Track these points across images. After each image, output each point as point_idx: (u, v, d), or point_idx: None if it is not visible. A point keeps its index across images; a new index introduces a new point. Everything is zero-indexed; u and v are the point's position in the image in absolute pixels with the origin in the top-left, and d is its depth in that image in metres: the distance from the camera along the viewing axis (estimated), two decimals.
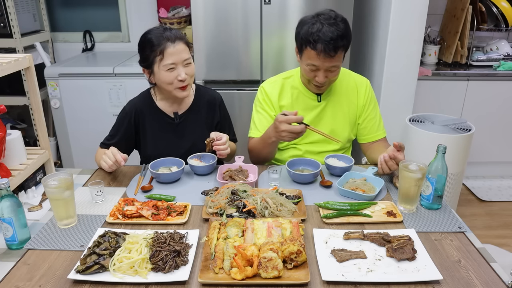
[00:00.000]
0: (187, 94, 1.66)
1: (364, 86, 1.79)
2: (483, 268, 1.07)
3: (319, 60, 1.54)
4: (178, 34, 1.60)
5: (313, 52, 1.53)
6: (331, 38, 1.49)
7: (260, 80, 2.71)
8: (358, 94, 1.78)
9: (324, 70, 1.58)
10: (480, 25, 3.12)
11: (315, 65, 1.57)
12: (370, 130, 1.81)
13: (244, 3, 2.54)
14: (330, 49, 1.50)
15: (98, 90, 2.83)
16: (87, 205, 1.38)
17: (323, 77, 1.59)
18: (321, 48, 1.51)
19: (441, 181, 1.33)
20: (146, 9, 3.37)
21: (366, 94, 1.78)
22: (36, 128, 2.06)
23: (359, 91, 1.78)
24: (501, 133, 3.15)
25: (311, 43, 1.52)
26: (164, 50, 1.55)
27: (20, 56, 1.50)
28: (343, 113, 1.78)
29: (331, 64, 1.56)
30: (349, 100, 1.78)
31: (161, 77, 1.59)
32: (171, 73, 1.58)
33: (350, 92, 1.78)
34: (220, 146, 1.58)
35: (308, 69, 1.61)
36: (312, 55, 1.55)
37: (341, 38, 1.51)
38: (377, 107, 1.83)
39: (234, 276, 1.01)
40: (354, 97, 1.78)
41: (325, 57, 1.52)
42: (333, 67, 1.58)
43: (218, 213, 1.29)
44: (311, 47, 1.53)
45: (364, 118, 1.80)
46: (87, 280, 1.02)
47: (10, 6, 2.79)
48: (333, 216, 1.29)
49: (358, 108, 1.79)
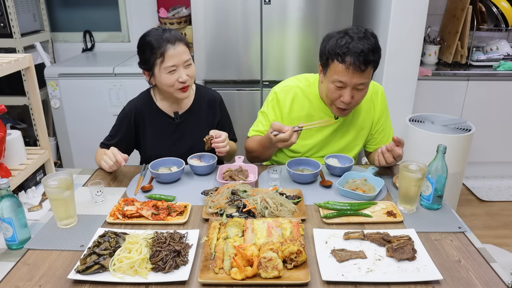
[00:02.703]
0: (188, 95, 1.66)
1: (379, 96, 1.71)
2: (483, 268, 1.07)
3: (347, 75, 1.43)
4: (178, 36, 1.59)
5: (341, 66, 1.42)
6: (362, 51, 1.39)
7: (260, 80, 2.71)
8: (374, 106, 1.70)
9: (351, 89, 1.47)
10: (480, 25, 3.12)
11: (342, 81, 1.45)
12: (380, 140, 1.76)
13: (244, 3, 2.54)
14: (361, 62, 1.39)
15: (98, 90, 2.83)
16: (87, 205, 1.38)
17: (349, 96, 1.47)
18: (350, 61, 1.40)
19: (441, 181, 1.33)
20: (146, 9, 3.37)
21: (382, 106, 1.71)
22: (36, 128, 2.06)
23: (375, 103, 1.70)
24: (501, 133, 3.15)
25: (339, 55, 1.42)
26: (165, 53, 1.54)
27: (20, 56, 1.50)
28: (358, 129, 1.71)
29: (360, 80, 1.44)
30: (365, 114, 1.70)
31: (162, 80, 1.59)
32: (172, 75, 1.57)
33: (366, 105, 1.69)
34: (219, 144, 1.57)
35: (334, 87, 1.49)
36: (340, 69, 1.43)
37: (372, 52, 1.41)
38: (388, 116, 1.76)
39: (234, 276, 1.01)
40: (370, 110, 1.70)
41: (354, 71, 1.41)
42: (361, 85, 1.46)
43: (218, 213, 1.29)
44: (339, 60, 1.42)
45: (377, 130, 1.74)
46: (87, 280, 1.02)
47: (10, 6, 2.79)
48: (333, 216, 1.29)
49: (374, 121, 1.72)
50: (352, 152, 1.75)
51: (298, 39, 2.63)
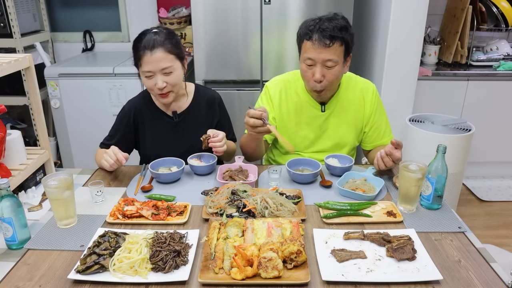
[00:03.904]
0: (168, 101, 1.65)
1: (370, 93, 1.73)
2: (483, 268, 1.07)
3: (314, 51, 1.50)
4: (159, 41, 1.54)
5: (309, 43, 1.51)
6: (327, 27, 1.48)
7: (260, 80, 2.71)
8: (364, 103, 1.72)
9: (321, 66, 1.52)
10: (480, 25, 3.12)
11: (310, 58, 1.52)
12: (376, 138, 1.77)
13: (244, 3, 2.54)
14: (326, 37, 1.47)
15: (98, 90, 2.83)
16: (87, 205, 1.38)
17: (320, 74, 1.53)
18: (316, 37, 1.48)
19: (441, 181, 1.33)
20: (146, 9, 3.37)
21: (373, 102, 1.73)
22: (36, 128, 2.06)
23: (366, 99, 1.72)
24: (501, 133, 3.15)
25: (307, 34, 1.51)
26: (141, 58, 1.56)
27: (20, 56, 1.50)
28: (348, 123, 1.73)
29: (327, 56, 1.50)
30: (355, 109, 1.72)
31: (143, 82, 1.61)
32: (150, 80, 1.58)
33: (356, 100, 1.72)
34: (216, 143, 1.57)
35: (305, 66, 1.56)
36: (308, 46, 1.51)
37: (338, 30, 1.48)
38: (383, 113, 1.78)
39: (234, 276, 1.01)
40: (360, 106, 1.72)
41: (319, 46, 1.48)
42: (329, 62, 1.51)
43: (218, 213, 1.29)
44: (307, 38, 1.51)
45: (370, 127, 1.75)
46: (87, 280, 1.02)
47: (10, 6, 2.79)
48: (333, 216, 1.29)
49: (365, 118, 1.74)
50: (345, 149, 1.76)
51: None
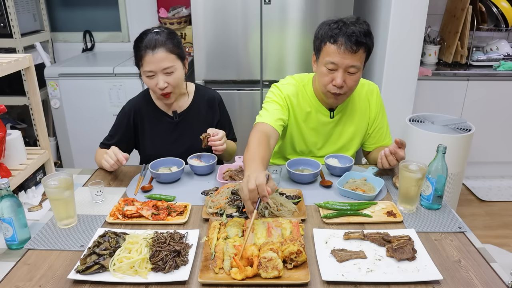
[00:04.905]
0: (170, 102, 1.67)
1: (374, 95, 1.71)
2: (483, 268, 1.07)
3: (339, 56, 1.44)
4: (160, 41, 1.54)
5: (333, 47, 1.45)
6: (353, 32, 1.42)
7: (260, 80, 2.71)
8: (370, 106, 1.71)
9: (343, 71, 1.47)
10: (480, 25, 3.12)
11: (334, 63, 1.46)
12: (377, 139, 1.77)
13: (244, 3, 2.54)
14: (352, 43, 1.42)
15: (98, 90, 2.83)
16: (87, 205, 1.38)
17: (341, 79, 1.47)
18: (342, 41, 1.43)
19: (441, 181, 1.33)
20: (146, 9, 3.37)
21: (377, 105, 1.72)
22: (36, 128, 2.06)
23: (371, 102, 1.71)
24: (501, 133, 3.15)
25: (332, 37, 1.45)
26: (142, 58, 1.56)
27: (20, 56, 1.50)
28: (354, 128, 1.72)
29: (352, 62, 1.45)
30: (361, 114, 1.71)
31: (145, 82, 1.62)
32: (151, 80, 1.59)
33: (362, 104, 1.70)
34: (215, 142, 1.57)
35: (326, 70, 1.50)
36: (332, 50, 1.45)
37: (364, 35, 1.43)
38: (385, 115, 1.77)
39: (234, 276, 1.01)
40: (366, 110, 1.71)
41: (345, 51, 1.43)
42: (353, 68, 1.47)
43: (218, 213, 1.29)
44: (331, 41, 1.45)
45: (374, 128, 1.74)
46: (87, 280, 1.02)
47: (10, 6, 2.79)
48: (333, 216, 1.29)
49: (370, 120, 1.73)
50: (350, 151, 1.75)
51: (298, 39, 2.63)
